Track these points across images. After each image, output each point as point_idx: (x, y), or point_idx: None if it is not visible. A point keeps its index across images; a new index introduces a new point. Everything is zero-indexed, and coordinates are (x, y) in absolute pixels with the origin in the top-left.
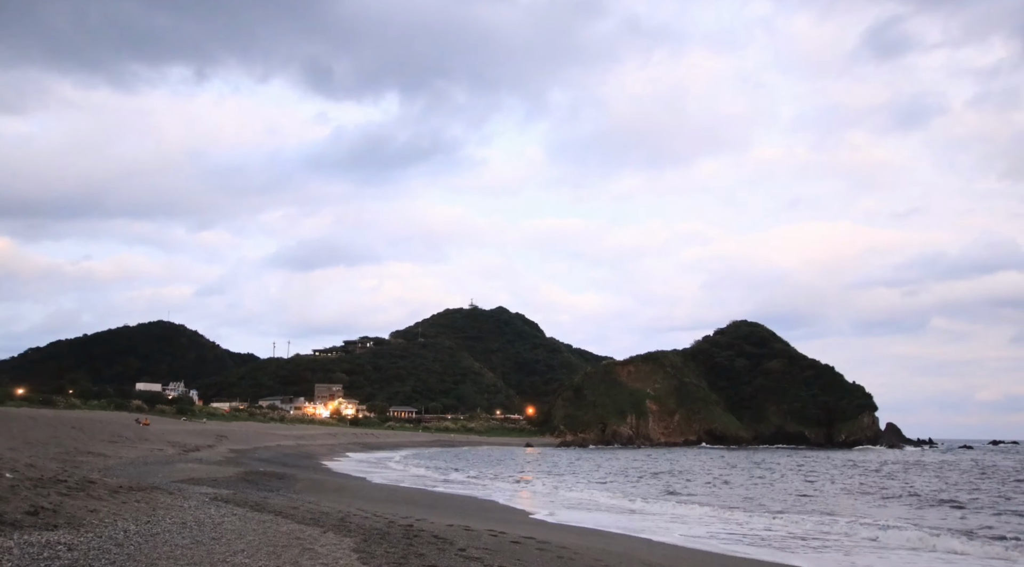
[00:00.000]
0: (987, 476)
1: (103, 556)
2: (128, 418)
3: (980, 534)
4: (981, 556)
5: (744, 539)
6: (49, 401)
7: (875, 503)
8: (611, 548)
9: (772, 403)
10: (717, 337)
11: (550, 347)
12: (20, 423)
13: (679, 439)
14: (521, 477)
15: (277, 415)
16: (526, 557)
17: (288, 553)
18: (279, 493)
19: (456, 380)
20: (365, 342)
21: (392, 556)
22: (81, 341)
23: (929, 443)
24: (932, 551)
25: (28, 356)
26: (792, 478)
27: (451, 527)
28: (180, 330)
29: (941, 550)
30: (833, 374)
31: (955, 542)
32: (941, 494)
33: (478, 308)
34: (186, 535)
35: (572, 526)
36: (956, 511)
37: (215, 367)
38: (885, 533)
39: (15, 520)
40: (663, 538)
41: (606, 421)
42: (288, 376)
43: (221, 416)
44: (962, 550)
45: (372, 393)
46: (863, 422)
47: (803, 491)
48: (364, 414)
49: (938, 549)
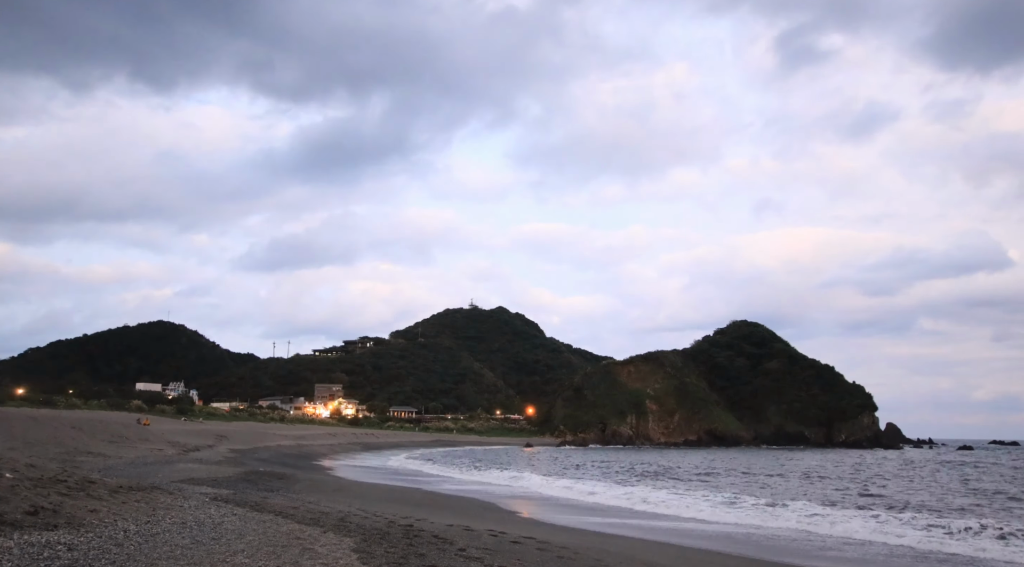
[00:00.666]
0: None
1: (103, 556)
2: (128, 418)
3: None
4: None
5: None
6: (49, 401)
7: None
8: (611, 548)
9: (772, 403)
10: (717, 337)
11: (550, 347)
12: (20, 423)
13: (679, 439)
14: (521, 477)
15: (277, 415)
16: (526, 557)
17: (288, 553)
18: (279, 493)
19: (456, 380)
20: (365, 342)
21: (392, 556)
22: (81, 341)
23: (929, 443)
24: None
25: (28, 356)
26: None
27: (451, 527)
28: (180, 330)
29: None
30: (833, 374)
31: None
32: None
33: (478, 308)
34: (186, 535)
35: (572, 526)
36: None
37: (215, 367)
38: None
39: (15, 520)
40: (667, 538)
41: (606, 421)
42: (288, 376)
43: (221, 416)
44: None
45: (372, 393)
46: (863, 422)
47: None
48: (364, 414)
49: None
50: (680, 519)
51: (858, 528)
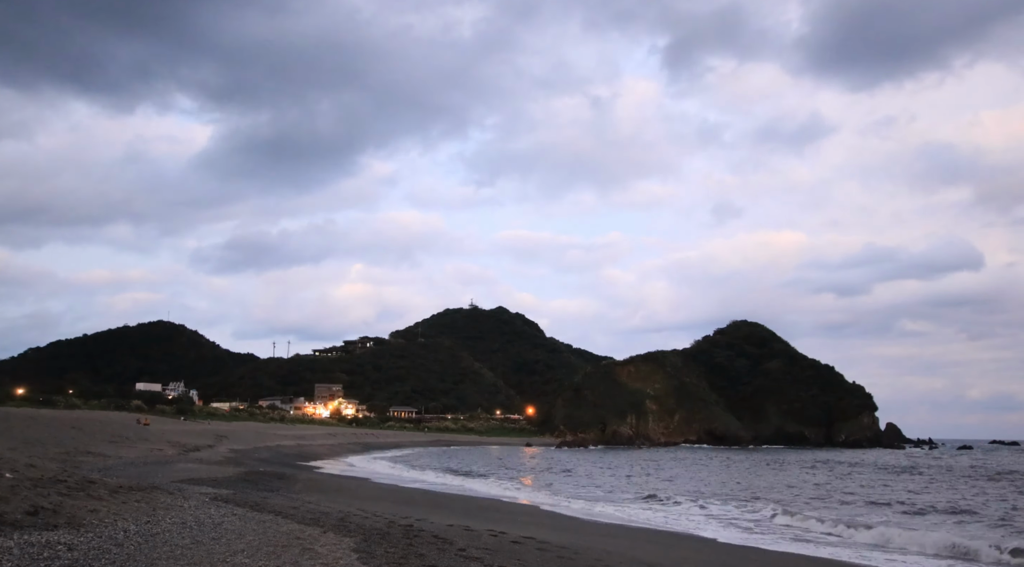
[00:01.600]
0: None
1: (103, 556)
2: (128, 418)
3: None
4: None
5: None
6: (49, 401)
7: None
8: (611, 548)
9: (772, 403)
10: (717, 337)
11: (550, 347)
12: (20, 423)
13: (679, 439)
14: (521, 477)
15: (277, 415)
16: (526, 557)
17: (288, 553)
18: (279, 493)
19: (456, 380)
20: (365, 342)
21: (392, 556)
22: (81, 341)
23: (929, 443)
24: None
25: (28, 356)
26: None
27: (451, 527)
28: (180, 330)
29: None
30: (833, 374)
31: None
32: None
33: (478, 308)
34: (186, 535)
35: (572, 526)
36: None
37: (215, 367)
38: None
39: (15, 520)
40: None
41: (606, 421)
42: (288, 376)
43: (221, 416)
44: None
45: (372, 393)
46: (863, 422)
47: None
48: (364, 414)
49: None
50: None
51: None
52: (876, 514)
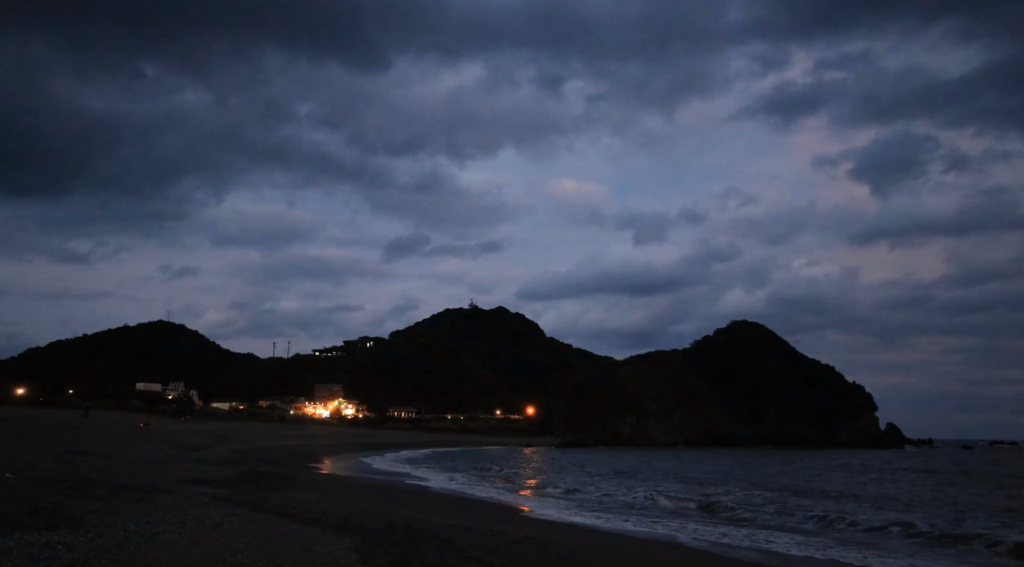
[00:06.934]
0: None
1: (103, 556)
2: (128, 418)
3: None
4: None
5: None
6: (49, 401)
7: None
8: (612, 548)
9: (772, 403)
10: (717, 337)
11: (550, 347)
12: (20, 423)
13: (679, 439)
14: (521, 477)
15: (277, 415)
16: (526, 557)
17: (288, 553)
18: (279, 493)
19: (456, 380)
20: (365, 342)
21: (392, 556)
22: (81, 341)
23: (929, 443)
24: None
25: (28, 356)
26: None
27: (451, 527)
28: (180, 330)
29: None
30: (833, 374)
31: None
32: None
33: (478, 308)
34: (186, 535)
35: (573, 526)
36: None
37: (215, 367)
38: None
39: (15, 520)
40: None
41: (606, 421)
42: (288, 376)
43: (221, 416)
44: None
45: (372, 393)
46: (863, 422)
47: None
48: (364, 414)
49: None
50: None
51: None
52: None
